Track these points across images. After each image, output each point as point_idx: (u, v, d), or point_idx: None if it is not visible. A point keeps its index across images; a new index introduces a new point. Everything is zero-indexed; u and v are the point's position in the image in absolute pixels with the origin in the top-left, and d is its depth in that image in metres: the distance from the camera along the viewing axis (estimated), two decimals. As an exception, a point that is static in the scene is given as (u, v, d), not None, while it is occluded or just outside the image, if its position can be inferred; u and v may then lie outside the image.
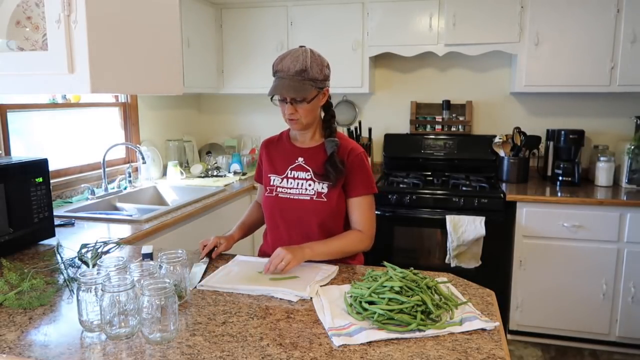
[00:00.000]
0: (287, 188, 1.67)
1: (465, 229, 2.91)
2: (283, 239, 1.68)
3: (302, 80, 1.54)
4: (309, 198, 1.64)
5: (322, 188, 1.64)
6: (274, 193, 1.69)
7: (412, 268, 1.36)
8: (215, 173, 3.53)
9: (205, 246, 1.67)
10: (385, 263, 1.40)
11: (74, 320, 1.19)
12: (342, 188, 1.66)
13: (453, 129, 3.61)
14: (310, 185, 1.65)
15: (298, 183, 1.67)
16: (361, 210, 1.67)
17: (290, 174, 1.68)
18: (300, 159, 1.69)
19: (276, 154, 1.75)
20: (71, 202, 2.60)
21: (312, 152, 1.68)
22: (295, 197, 1.65)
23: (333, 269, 1.55)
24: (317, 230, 1.64)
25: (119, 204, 2.74)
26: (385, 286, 1.24)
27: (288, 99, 1.57)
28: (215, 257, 1.69)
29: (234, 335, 1.14)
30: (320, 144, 1.68)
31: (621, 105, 3.37)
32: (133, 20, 1.46)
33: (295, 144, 1.73)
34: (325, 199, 1.63)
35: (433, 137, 3.60)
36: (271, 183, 1.71)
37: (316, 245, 1.57)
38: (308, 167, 1.67)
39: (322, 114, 1.72)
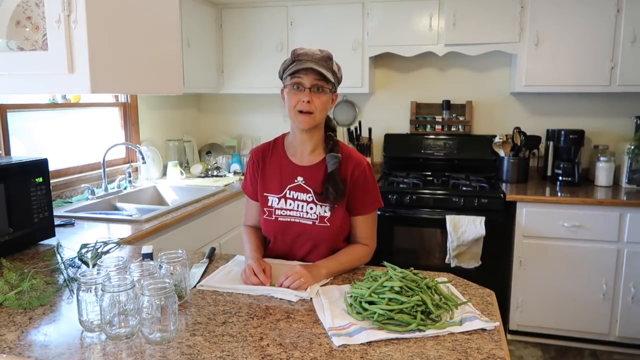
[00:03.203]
0: (287, 210, 1.57)
1: (465, 229, 2.91)
2: (286, 255, 1.65)
3: (328, 67, 1.48)
4: (311, 223, 1.55)
5: (325, 212, 1.54)
6: (274, 216, 1.59)
7: (412, 268, 1.36)
8: (215, 173, 3.53)
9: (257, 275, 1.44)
10: (385, 263, 1.40)
11: (74, 320, 1.19)
12: (346, 207, 1.58)
13: (453, 129, 3.61)
14: (311, 208, 1.55)
15: (298, 205, 1.56)
16: (367, 226, 1.61)
17: (290, 194, 1.57)
18: (300, 179, 1.57)
19: (272, 168, 1.62)
20: (71, 202, 2.60)
21: (312, 170, 1.57)
22: (296, 221, 1.56)
23: (333, 269, 1.54)
24: (319, 251, 1.59)
25: (119, 204, 2.74)
26: (385, 286, 1.24)
27: (308, 85, 1.46)
28: (215, 257, 1.69)
29: (234, 335, 1.14)
30: (321, 161, 1.57)
31: (621, 105, 3.37)
32: (133, 20, 1.46)
33: (293, 160, 1.60)
34: (329, 224, 1.54)
35: (433, 137, 3.60)
36: (269, 204, 1.60)
37: (331, 265, 1.51)
38: (309, 188, 1.56)
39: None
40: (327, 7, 3.40)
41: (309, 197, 1.56)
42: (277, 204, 1.59)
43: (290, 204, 1.57)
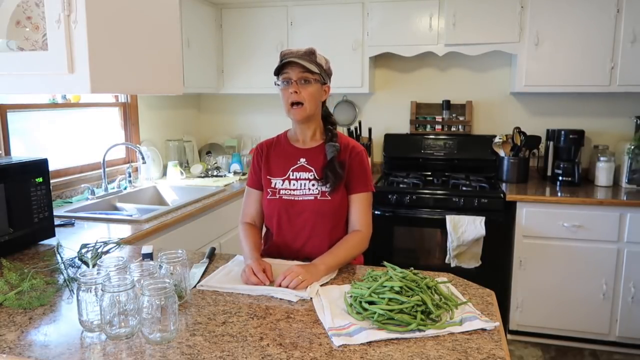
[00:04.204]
0: (290, 189, 1.65)
1: (465, 229, 2.91)
2: (288, 240, 1.67)
3: (311, 60, 1.59)
4: (313, 198, 1.63)
5: (326, 187, 1.63)
6: (278, 195, 1.66)
7: (412, 268, 1.36)
8: (215, 173, 3.53)
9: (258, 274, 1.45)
10: (385, 263, 1.40)
11: (74, 320, 1.19)
12: (344, 186, 1.66)
13: (453, 129, 3.61)
14: (313, 185, 1.63)
15: (301, 184, 1.64)
16: (360, 208, 1.67)
17: (293, 175, 1.66)
18: (303, 160, 1.67)
19: (275, 156, 1.71)
20: (71, 202, 2.60)
21: (313, 152, 1.67)
22: (299, 198, 1.64)
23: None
24: (322, 229, 1.64)
25: (119, 204, 2.74)
26: (385, 286, 1.24)
27: (295, 78, 1.57)
28: (216, 257, 1.70)
29: (234, 335, 1.14)
30: (321, 145, 1.68)
31: (621, 105, 3.37)
32: (133, 20, 1.46)
33: (295, 145, 1.70)
34: (330, 198, 1.62)
35: (433, 137, 3.60)
36: (272, 185, 1.67)
37: (328, 259, 1.53)
38: (311, 167, 1.65)
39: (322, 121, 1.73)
40: (327, 7, 3.40)
41: (311, 175, 1.65)
42: (282, 185, 1.67)
43: (294, 184, 1.66)
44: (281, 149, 1.72)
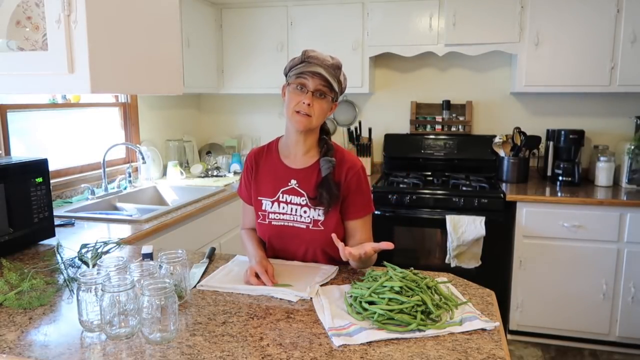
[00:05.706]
0: (279, 214, 1.57)
1: (465, 229, 2.91)
2: (285, 257, 1.63)
3: (335, 75, 1.48)
4: (305, 227, 1.55)
5: (319, 215, 1.53)
6: (267, 220, 1.58)
7: (412, 268, 1.36)
8: (215, 173, 3.53)
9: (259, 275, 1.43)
10: (385, 263, 1.40)
11: (74, 320, 1.19)
12: (340, 211, 1.56)
13: (453, 129, 3.61)
14: (305, 212, 1.54)
15: (292, 208, 1.55)
16: (365, 230, 1.59)
17: (282, 197, 1.57)
18: (294, 182, 1.56)
19: (266, 172, 1.61)
20: (71, 202, 2.60)
21: (305, 173, 1.56)
22: (290, 225, 1.56)
23: (333, 270, 1.54)
24: (315, 256, 1.60)
25: (119, 204, 2.74)
26: (385, 286, 1.24)
27: (312, 88, 1.46)
28: (215, 257, 1.69)
29: (234, 335, 1.14)
30: (315, 164, 1.56)
31: (621, 105, 3.37)
32: (133, 20, 1.46)
33: (285, 163, 1.59)
34: (323, 227, 1.53)
35: (433, 137, 3.60)
36: (262, 208, 1.59)
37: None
38: (302, 191, 1.55)
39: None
40: (327, 7, 3.40)
41: (303, 201, 1.55)
42: (271, 207, 1.58)
43: (284, 208, 1.57)
44: (272, 164, 1.61)
